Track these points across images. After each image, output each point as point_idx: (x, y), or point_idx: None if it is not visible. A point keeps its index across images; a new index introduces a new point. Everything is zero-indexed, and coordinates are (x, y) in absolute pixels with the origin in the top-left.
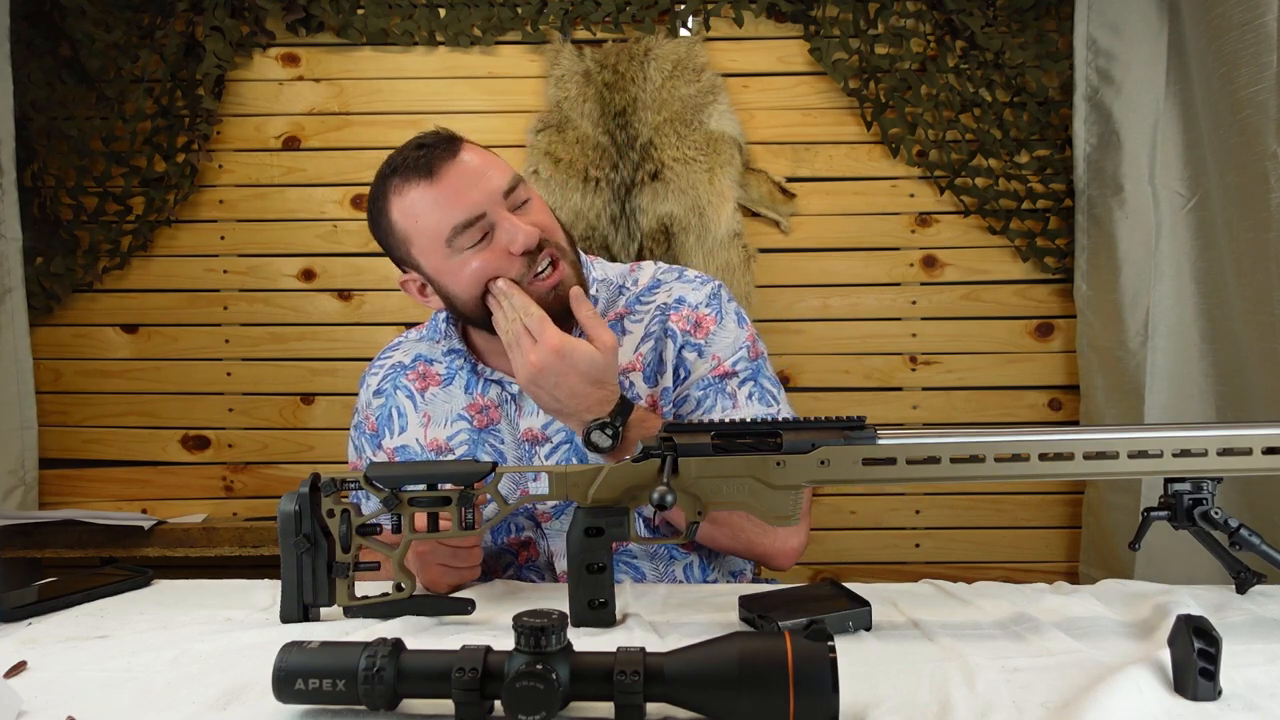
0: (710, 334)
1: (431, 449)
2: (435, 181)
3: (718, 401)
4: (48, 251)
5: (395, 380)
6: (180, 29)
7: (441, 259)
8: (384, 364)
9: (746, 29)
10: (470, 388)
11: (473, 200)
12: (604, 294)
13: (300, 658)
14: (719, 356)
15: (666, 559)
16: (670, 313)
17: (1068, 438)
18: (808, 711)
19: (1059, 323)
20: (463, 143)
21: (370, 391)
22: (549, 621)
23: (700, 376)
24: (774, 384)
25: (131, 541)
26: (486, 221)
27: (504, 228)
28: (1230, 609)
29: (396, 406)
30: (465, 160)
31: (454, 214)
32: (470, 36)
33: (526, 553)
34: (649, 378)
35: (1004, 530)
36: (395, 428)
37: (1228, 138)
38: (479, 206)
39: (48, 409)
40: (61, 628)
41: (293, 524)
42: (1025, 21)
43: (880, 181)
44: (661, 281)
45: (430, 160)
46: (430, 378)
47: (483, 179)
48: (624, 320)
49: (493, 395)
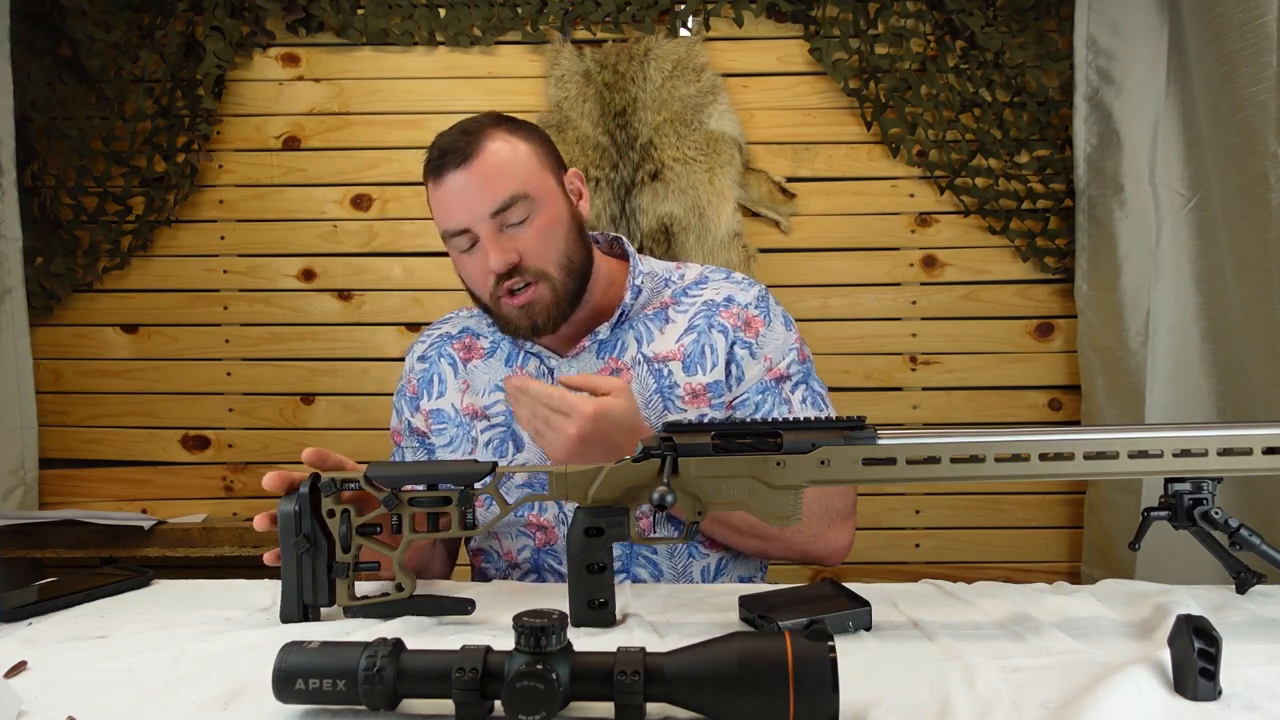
0: (760, 334)
1: (467, 414)
2: (438, 186)
3: (774, 405)
4: (48, 251)
5: (440, 349)
6: (180, 29)
7: (446, 245)
8: (432, 334)
9: (746, 29)
10: (511, 360)
11: (459, 217)
12: (648, 285)
13: (300, 658)
14: (770, 358)
15: (685, 557)
16: (720, 310)
17: (1068, 438)
18: (808, 711)
19: (1059, 323)
20: (482, 150)
21: (415, 358)
22: (549, 621)
23: (755, 380)
24: (822, 387)
25: (131, 541)
26: (472, 235)
27: (482, 248)
28: (1230, 609)
29: (438, 373)
30: (468, 173)
31: (445, 221)
32: (470, 36)
33: (544, 535)
34: (688, 368)
35: (1004, 530)
36: (434, 391)
37: (1228, 138)
38: (464, 224)
39: (48, 409)
40: (61, 628)
41: (293, 524)
42: (1025, 21)
43: (880, 181)
44: (709, 279)
45: (442, 164)
46: (475, 350)
47: (475, 199)
48: (669, 310)
49: (531, 368)
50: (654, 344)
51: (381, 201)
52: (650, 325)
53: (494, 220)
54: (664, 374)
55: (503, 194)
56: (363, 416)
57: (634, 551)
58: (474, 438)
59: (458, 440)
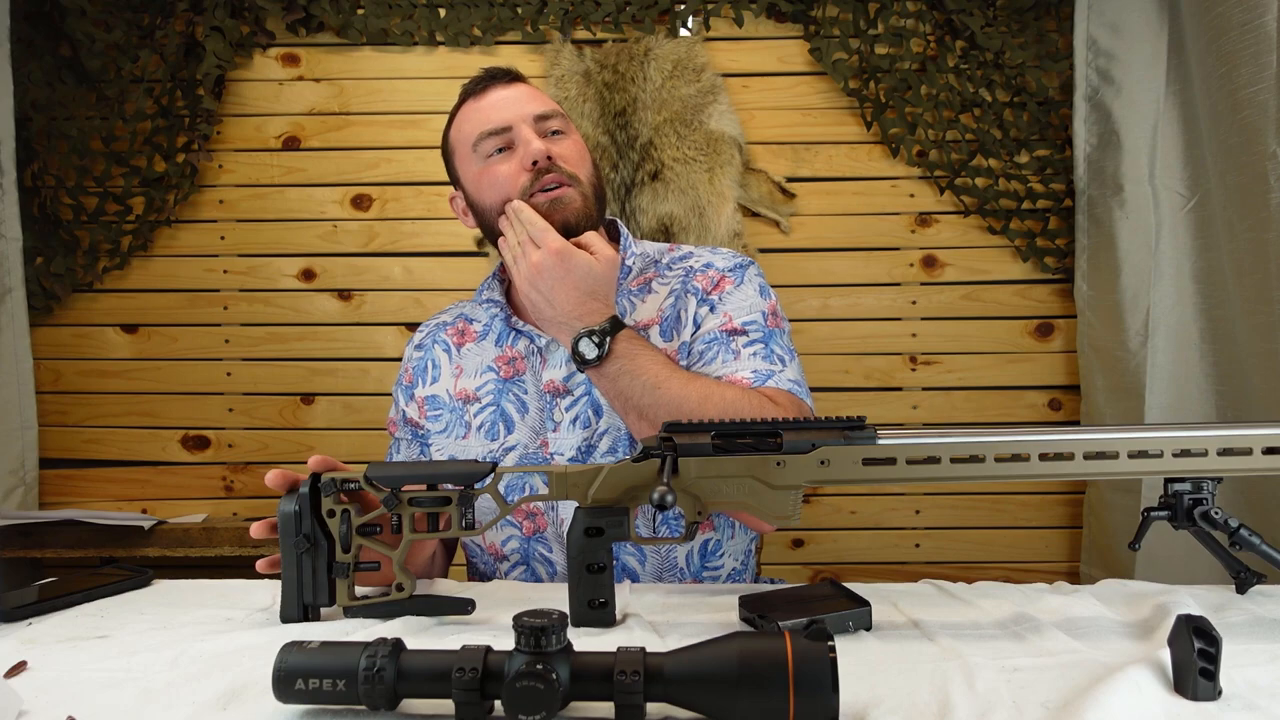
0: (726, 292)
1: (460, 398)
2: (480, 98)
3: (719, 355)
4: (48, 251)
5: (435, 335)
6: (180, 29)
7: (471, 166)
8: (430, 324)
9: (746, 29)
10: (501, 340)
11: (503, 115)
12: (638, 264)
13: (300, 658)
14: (730, 314)
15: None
16: (695, 275)
17: (1068, 438)
18: (808, 711)
19: (1059, 323)
20: (522, 81)
21: (412, 347)
22: (549, 621)
23: (708, 330)
24: (787, 352)
25: (131, 541)
26: (511, 135)
27: (521, 140)
28: (1230, 609)
29: (433, 359)
30: (513, 88)
31: (483, 123)
32: (470, 36)
33: (533, 524)
34: (665, 332)
35: (1004, 530)
36: (429, 378)
37: (1228, 138)
38: (507, 121)
39: (48, 409)
40: (61, 628)
41: (293, 524)
42: (1025, 21)
43: (880, 181)
44: (694, 253)
45: (486, 84)
46: (468, 334)
47: (519, 102)
48: (652, 282)
49: (520, 347)
50: (635, 314)
51: (381, 201)
52: (634, 299)
53: (537, 125)
54: (644, 336)
55: (547, 105)
56: (362, 416)
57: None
58: (467, 422)
59: (451, 425)
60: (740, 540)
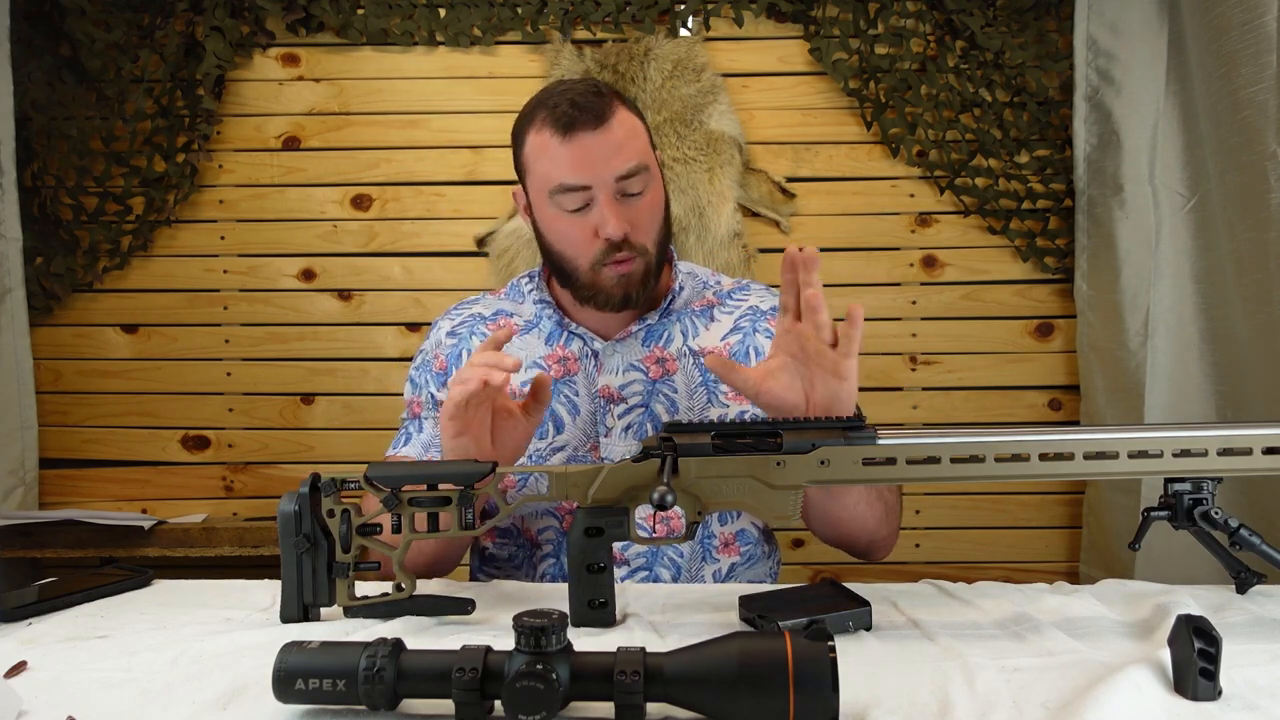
0: None
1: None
2: (566, 141)
3: None
4: (48, 251)
5: (473, 327)
6: (180, 29)
7: (542, 201)
8: (462, 312)
9: (746, 29)
10: (553, 339)
11: (586, 174)
12: (690, 285)
13: (300, 658)
14: None
15: (699, 560)
16: (766, 317)
17: (1068, 438)
18: (808, 711)
19: (1059, 323)
20: (613, 116)
21: (443, 333)
22: (549, 621)
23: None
24: None
25: (131, 541)
26: (590, 195)
27: (600, 211)
28: (1230, 609)
29: (469, 348)
30: (604, 135)
31: (565, 175)
32: (470, 36)
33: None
34: None
35: (1004, 530)
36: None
37: (1228, 138)
38: (588, 180)
39: (48, 409)
40: (61, 628)
41: (293, 524)
42: (1025, 21)
43: (880, 181)
44: (750, 287)
45: (573, 122)
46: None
47: (605, 159)
48: (714, 309)
49: (574, 349)
50: (699, 339)
51: (381, 201)
52: (696, 321)
53: (617, 185)
54: (706, 369)
55: (631, 160)
56: (362, 416)
57: (659, 551)
58: None
59: None
60: (770, 561)
